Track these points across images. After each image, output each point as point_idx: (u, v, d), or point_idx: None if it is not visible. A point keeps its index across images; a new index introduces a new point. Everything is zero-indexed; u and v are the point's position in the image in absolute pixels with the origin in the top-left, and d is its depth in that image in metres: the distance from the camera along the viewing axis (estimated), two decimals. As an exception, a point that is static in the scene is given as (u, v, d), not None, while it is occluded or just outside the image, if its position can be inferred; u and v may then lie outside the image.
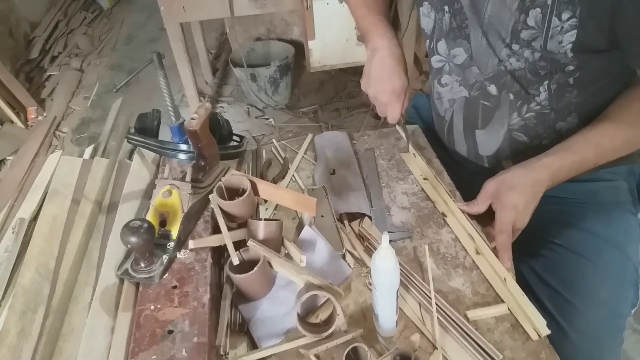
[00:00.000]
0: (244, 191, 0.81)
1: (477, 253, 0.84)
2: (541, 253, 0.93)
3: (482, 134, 1.01)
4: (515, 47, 0.85)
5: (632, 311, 0.89)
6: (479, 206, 0.87)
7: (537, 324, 0.73)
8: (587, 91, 0.87)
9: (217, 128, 0.98)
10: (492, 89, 0.93)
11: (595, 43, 0.78)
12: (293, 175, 1.03)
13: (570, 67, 0.83)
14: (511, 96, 0.91)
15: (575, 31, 0.77)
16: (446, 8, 0.93)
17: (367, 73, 0.98)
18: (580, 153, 0.84)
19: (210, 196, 0.81)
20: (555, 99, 0.88)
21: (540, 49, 0.82)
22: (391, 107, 0.96)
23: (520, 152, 0.97)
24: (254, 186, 0.83)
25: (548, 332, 0.72)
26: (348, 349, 0.66)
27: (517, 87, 0.89)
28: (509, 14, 0.82)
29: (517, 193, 0.82)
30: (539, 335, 0.72)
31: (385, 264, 0.64)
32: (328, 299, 0.70)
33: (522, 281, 0.92)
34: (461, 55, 0.95)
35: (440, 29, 0.97)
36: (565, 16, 0.77)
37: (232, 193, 0.82)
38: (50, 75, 3.23)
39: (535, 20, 0.80)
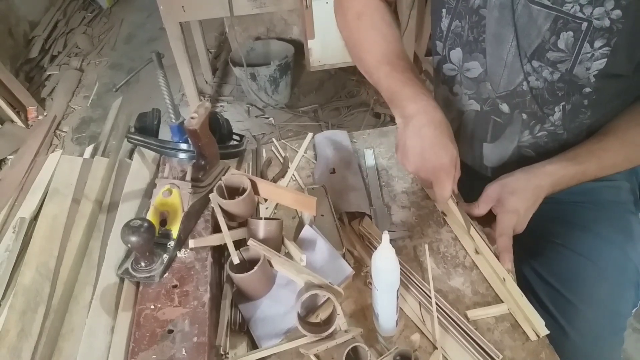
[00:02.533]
0: (244, 190, 0.81)
1: (477, 253, 0.84)
2: (542, 252, 0.93)
3: (489, 147, 0.98)
4: (536, 64, 0.81)
5: (633, 311, 0.89)
6: (480, 208, 0.87)
7: (535, 324, 0.73)
8: (600, 112, 0.86)
9: (217, 127, 0.98)
10: (504, 107, 0.90)
11: (621, 70, 0.77)
12: (293, 175, 1.03)
13: (588, 90, 0.81)
14: (524, 116, 0.89)
15: (605, 60, 0.75)
16: (467, 17, 0.87)
17: (402, 146, 0.80)
18: (583, 165, 0.83)
19: (211, 195, 0.81)
20: (569, 120, 0.87)
21: (566, 72, 0.79)
22: (439, 186, 0.79)
23: (527, 165, 0.95)
24: (254, 185, 0.83)
25: (547, 332, 0.72)
26: (348, 349, 0.66)
27: (532, 108, 0.87)
28: (536, 33, 0.79)
29: (518, 198, 0.82)
30: (537, 335, 0.72)
31: (385, 263, 0.64)
32: (328, 299, 0.70)
33: (523, 280, 0.92)
34: (476, 69, 0.90)
35: (456, 38, 0.92)
36: (597, 44, 0.74)
37: (232, 192, 0.82)
38: (50, 74, 3.23)
39: (566, 44, 0.76)
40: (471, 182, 1.01)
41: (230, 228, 0.78)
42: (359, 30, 0.94)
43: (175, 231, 0.77)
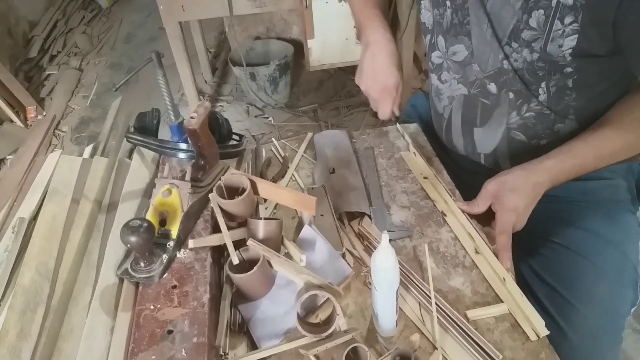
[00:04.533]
0: (243, 190, 0.81)
1: (477, 252, 0.84)
2: (540, 252, 0.93)
3: (480, 132, 1.00)
4: (515, 45, 0.84)
5: (632, 310, 0.89)
6: (479, 206, 0.87)
7: (535, 325, 0.73)
8: (586, 95, 0.87)
9: (216, 127, 0.98)
10: (492, 87, 0.92)
11: (595, 49, 0.78)
12: (293, 174, 1.03)
13: (569, 69, 0.83)
14: (511, 95, 0.91)
15: (576, 36, 0.77)
16: (448, 3, 0.91)
17: (359, 67, 0.99)
18: (580, 157, 0.84)
19: (210, 195, 0.81)
20: (554, 101, 0.88)
21: (540, 50, 0.81)
22: (382, 103, 0.98)
23: (518, 151, 0.97)
24: (253, 185, 0.83)
25: (547, 332, 0.72)
26: (348, 349, 0.66)
27: (518, 86, 0.89)
28: (512, 13, 0.82)
29: (518, 195, 0.82)
30: (537, 335, 0.72)
31: (385, 263, 0.64)
32: (328, 299, 0.70)
33: (521, 280, 0.92)
34: (461, 52, 0.94)
35: (439, 25, 0.96)
36: (567, 20, 0.76)
37: (232, 192, 0.82)
38: (49, 74, 3.22)
39: (538, 22, 0.79)
40: (469, 177, 1.02)
41: (229, 228, 0.78)
42: None
43: (174, 231, 0.77)
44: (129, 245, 0.69)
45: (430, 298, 0.75)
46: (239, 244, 0.77)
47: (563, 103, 0.88)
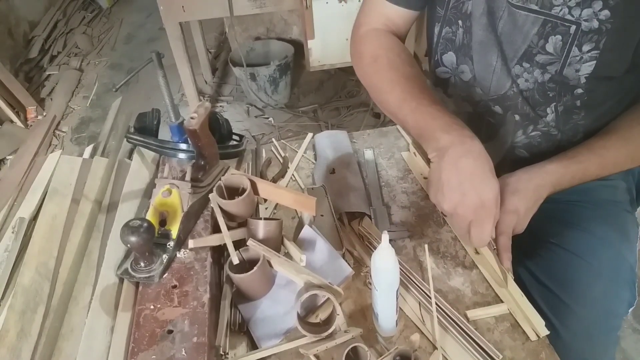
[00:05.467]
0: (243, 190, 0.81)
1: (477, 252, 0.84)
2: (536, 252, 0.93)
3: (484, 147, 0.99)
4: (526, 65, 0.82)
5: (630, 310, 0.89)
6: None
7: (535, 324, 0.73)
8: (593, 113, 0.86)
9: (216, 127, 0.98)
10: (497, 109, 0.91)
11: (612, 72, 0.77)
12: (293, 175, 1.03)
13: (579, 91, 0.81)
14: (517, 117, 0.89)
15: (594, 62, 0.75)
16: (460, 23, 0.88)
17: (436, 181, 0.72)
18: (584, 163, 0.83)
19: (210, 195, 0.81)
20: (562, 121, 0.87)
21: (555, 73, 0.79)
22: (478, 226, 0.70)
23: (521, 166, 0.95)
24: (253, 185, 0.83)
25: (547, 332, 0.72)
26: (348, 349, 0.66)
27: (524, 109, 0.87)
28: (522, 38, 0.79)
29: (519, 198, 0.82)
30: (537, 335, 0.72)
31: (385, 263, 0.64)
32: (328, 299, 0.70)
33: (517, 280, 0.92)
34: (467, 73, 0.92)
35: (447, 43, 0.93)
36: (586, 48, 0.75)
37: (232, 192, 0.82)
38: (49, 74, 3.23)
39: (555, 47, 0.77)
40: None
41: (229, 228, 0.78)
42: (376, 73, 0.90)
43: (174, 231, 0.77)
44: (129, 245, 0.69)
45: (430, 298, 0.75)
46: (239, 244, 0.77)
47: (572, 122, 0.87)
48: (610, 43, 0.73)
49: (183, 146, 0.94)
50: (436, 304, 0.75)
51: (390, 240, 0.64)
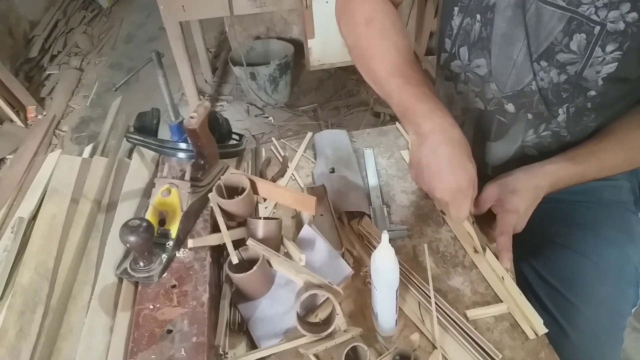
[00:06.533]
0: (243, 190, 0.81)
1: (476, 252, 0.84)
2: (541, 251, 0.93)
3: (493, 146, 0.98)
4: (544, 64, 0.80)
5: (633, 310, 0.89)
6: (479, 207, 0.87)
7: (534, 323, 0.73)
8: (604, 115, 0.86)
9: (216, 127, 0.98)
10: (510, 107, 0.89)
11: (630, 74, 0.77)
12: (292, 174, 1.03)
13: (593, 93, 0.80)
14: (529, 116, 0.88)
15: (616, 64, 0.74)
16: (478, 17, 0.85)
17: (416, 164, 0.76)
18: (583, 165, 0.84)
19: (210, 195, 0.81)
20: (572, 122, 0.86)
21: (575, 74, 0.78)
22: (456, 207, 0.74)
23: (528, 164, 0.95)
24: (253, 185, 0.83)
25: (545, 330, 0.72)
26: (347, 349, 0.66)
27: (539, 108, 0.86)
28: (546, 34, 0.78)
29: (519, 197, 0.82)
30: (536, 334, 0.72)
31: (384, 262, 0.64)
32: (327, 298, 0.70)
33: (522, 280, 0.92)
34: (483, 68, 0.89)
35: (465, 36, 0.90)
36: (609, 48, 0.73)
37: (232, 192, 0.82)
38: (49, 74, 3.23)
39: (579, 46, 0.75)
40: None
41: (229, 228, 0.77)
42: (367, 38, 0.87)
43: (174, 231, 0.77)
44: (128, 245, 0.69)
45: (429, 298, 0.75)
46: (239, 244, 0.77)
47: (582, 124, 0.87)
48: (636, 45, 0.72)
49: (183, 145, 0.94)
50: (436, 303, 0.75)
51: (389, 240, 0.64)
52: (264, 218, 0.78)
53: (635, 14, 0.70)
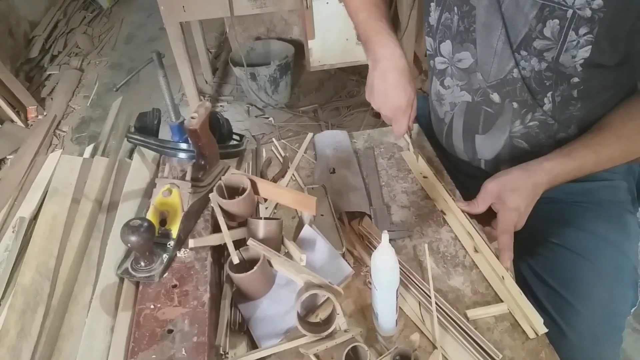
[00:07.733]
0: (244, 190, 0.81)
1: (476, 251, 0.84)
2: (540, 252, 0.93)
3: (482, 139, 0.99)
4: (524, 53, 0.83)
5: (632, 310, 0.89)
6: (479, 206, 0.87)
7: (534, 322, 0.73)
8: (589, 104, 0.87)
9: (217, 127, 0.98)
10: (495, 97, 0.91)
11: (606, 60, 0.78)
12: (293, 174, 1.03)
13: (576, 80, 0.82)
14: (515, 105, 0.90)
15: (589, 47, 0.76)
16: (455, 9, 0.89)
17: (369, 85, 0.92)
18: (580, 160, 0.84)
19: (210, 195, 0.81)
20: (559, 111, 0.88)
21: (552, 60, 0.80)
22: (396, 122, 0.91)
23: (520, 158, 0.94)
24: (253, 185, 0.83)
25: (545, 330, 0.72)
26: (348, 349, 0.66)
27: (524, 96, 0.88)
28: (524, 21, 0.80)
29: (519, 196, 0.82)
30: (536, 333, 0.72)
31: (385, 262, 0.64)
32: (328, 298, 0.70)
33: (521, 280, 0.92)
34: (467, 60, 0.92)
35: (446, 30, 0.94)
36: (582, 31, 0.75)
37: (232, 192, 0.82)
38: (50, 74, 3.23)
39: (552, 31, 0.78)
40: (467, 181, 1.01)
41: (230, 228, 0.78)
42: None
43: (175, 231, 0.77)
44: (129, 244, 0.69)
45: (430, 297, 0.75)
46: (239, 244, 0.77)
47: (567, 113, 0.88)
48: (604, 31, 0.74)
49: (183, 146, 0.94)
50: (436, 303, 0.75)
51: (390, 240, 0.64)
52: (265, 218, 0.78)
53: (600, 1, 0.72)
